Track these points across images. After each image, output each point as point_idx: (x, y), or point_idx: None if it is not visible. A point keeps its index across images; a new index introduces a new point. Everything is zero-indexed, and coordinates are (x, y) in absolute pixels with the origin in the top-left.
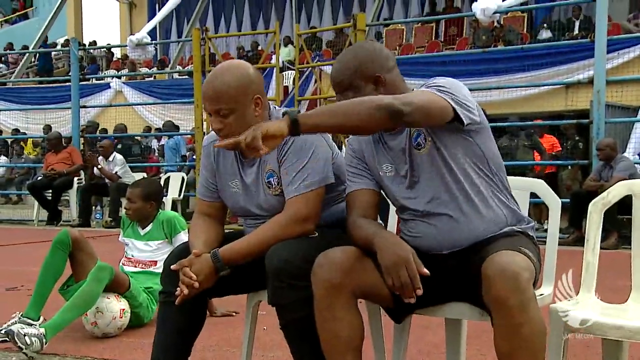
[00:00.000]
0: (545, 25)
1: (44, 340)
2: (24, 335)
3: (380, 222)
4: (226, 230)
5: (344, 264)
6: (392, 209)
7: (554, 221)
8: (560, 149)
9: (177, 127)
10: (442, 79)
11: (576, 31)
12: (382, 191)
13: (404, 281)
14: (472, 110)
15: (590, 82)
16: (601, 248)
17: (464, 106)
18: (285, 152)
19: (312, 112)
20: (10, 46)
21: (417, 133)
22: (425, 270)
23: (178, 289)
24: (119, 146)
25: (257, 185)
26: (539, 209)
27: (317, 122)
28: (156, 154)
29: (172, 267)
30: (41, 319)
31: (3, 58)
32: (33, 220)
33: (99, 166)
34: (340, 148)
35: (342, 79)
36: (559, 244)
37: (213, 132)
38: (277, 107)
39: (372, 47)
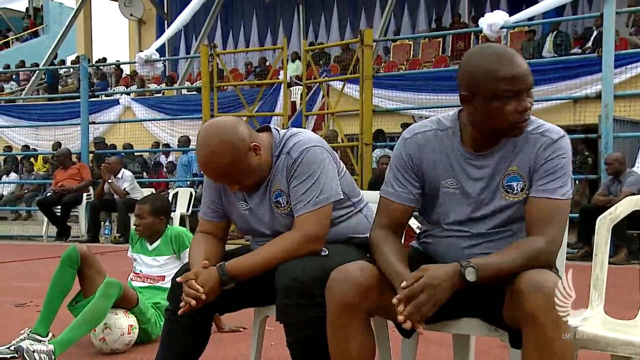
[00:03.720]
0: (549, 39)
1: (53, 356)
2: (33, 352)
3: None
4: (234, 247)
5: (362, 283)
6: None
7: None
8: None
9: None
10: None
11: (590, 44)
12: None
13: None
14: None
15: (598, 96)
16: (610, 263)
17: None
18: (294, 170)
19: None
20: (22, 63)
21: (516, 177)
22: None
23: (182, 302)
24: None
25: (264, 207)
26: None
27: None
28: (165, 170)
29: (177, 279)
30: (50, 335)
31: (14, 75)
32: (42, 236)
33: (109, 180)
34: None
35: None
36: (568, 259)
37: None
38: None
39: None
